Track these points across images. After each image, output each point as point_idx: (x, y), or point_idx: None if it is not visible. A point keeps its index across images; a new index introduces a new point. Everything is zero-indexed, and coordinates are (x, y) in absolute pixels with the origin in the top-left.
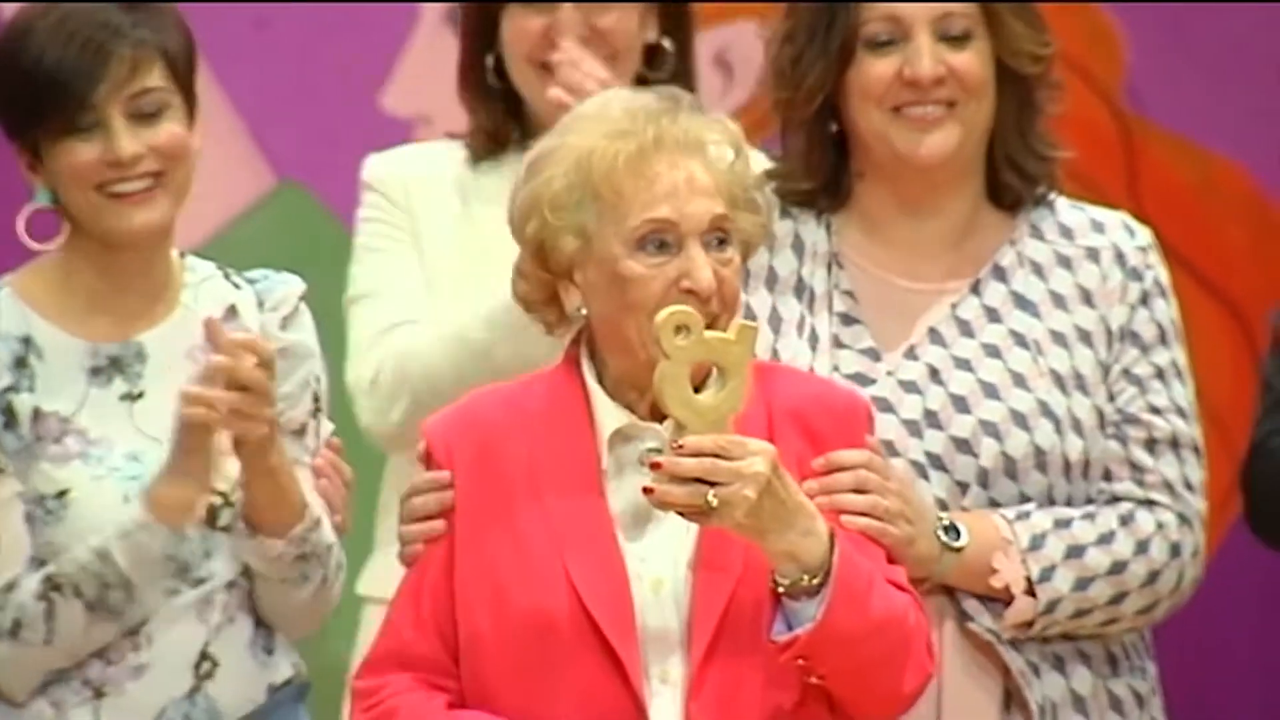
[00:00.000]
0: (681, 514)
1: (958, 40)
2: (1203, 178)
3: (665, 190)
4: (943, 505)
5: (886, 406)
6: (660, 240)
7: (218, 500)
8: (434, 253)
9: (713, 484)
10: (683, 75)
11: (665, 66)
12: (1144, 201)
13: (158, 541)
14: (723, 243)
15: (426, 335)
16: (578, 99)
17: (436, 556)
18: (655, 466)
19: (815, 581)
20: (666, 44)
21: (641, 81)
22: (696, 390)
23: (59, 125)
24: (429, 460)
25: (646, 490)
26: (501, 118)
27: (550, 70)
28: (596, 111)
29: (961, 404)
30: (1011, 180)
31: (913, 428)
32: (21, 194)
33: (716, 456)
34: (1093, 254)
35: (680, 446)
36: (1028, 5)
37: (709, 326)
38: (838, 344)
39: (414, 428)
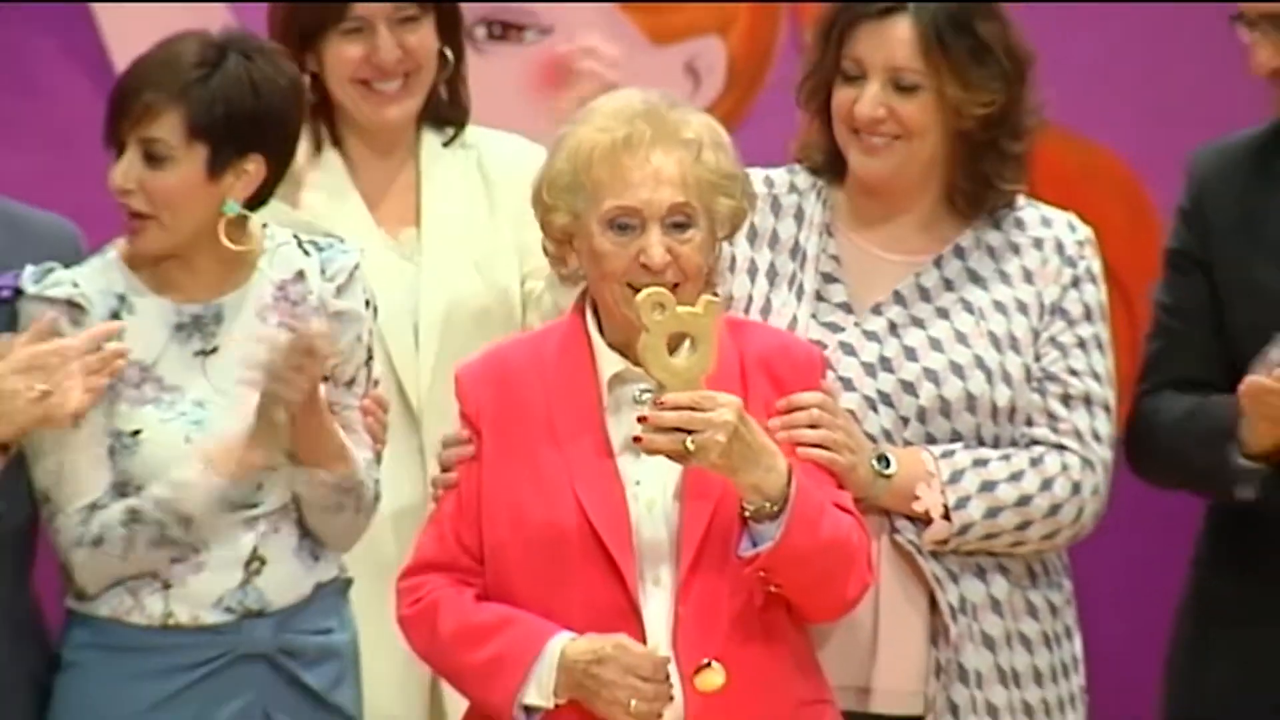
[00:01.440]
0: (666, 457)
1: (907, 90)
2: (1085, 164)
3: (632, 181)
4: (887, 436)
5: (850, 351)
6: (624, 223)
7: None
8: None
9: (690, 432)
10: (459, 77)
11: (447, 70)
12: (1037, 186)
13: (218, 491)
14: (683, 225)
15: None
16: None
17: (467, 480)
18: (642, 420)
19: (775, 509)
20: (448, 52)
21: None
22: (673, 354)
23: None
24: (459, 400)
25: (636, 439)
26: (317, 124)
27: (367, 84)
28: (598, 106)
29: (911, 354)
30: (963, 203)
31: (869, 369)
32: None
33: (692, 409)
34: (1038, 243)
35: (662, 403)
36: (975, 69)
37: (675, 292)
38: (819, 297)
39: None
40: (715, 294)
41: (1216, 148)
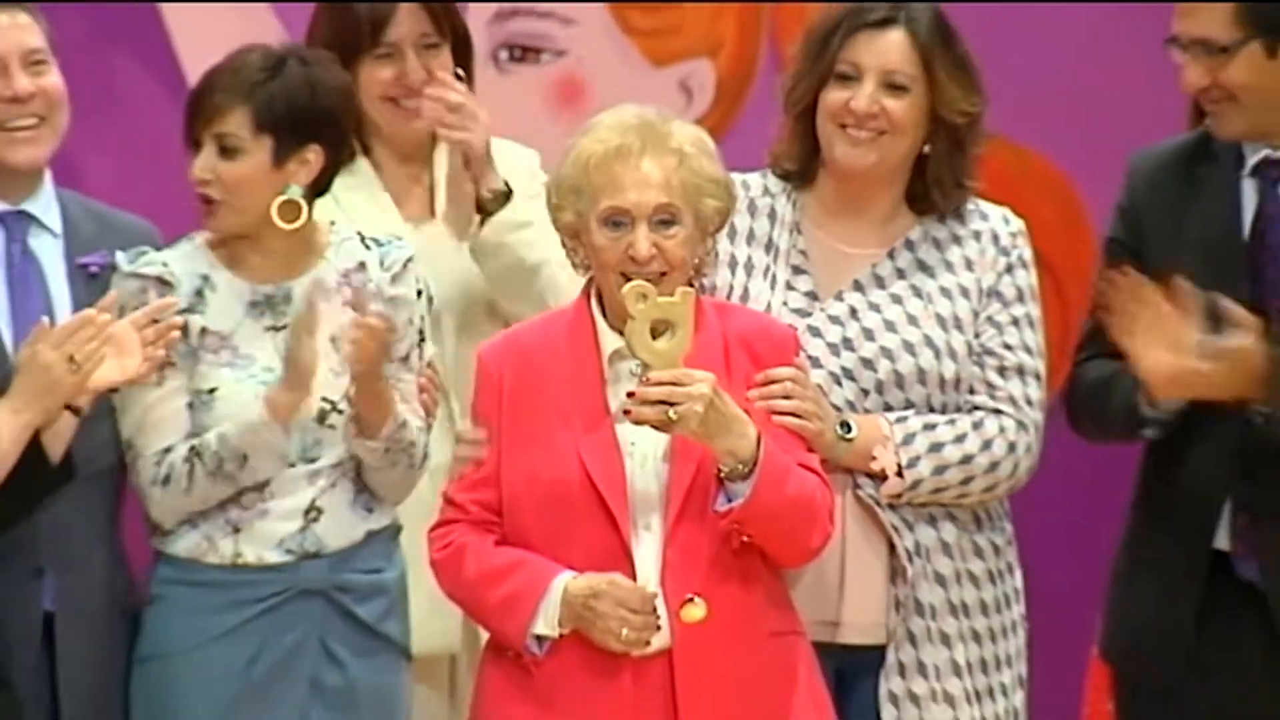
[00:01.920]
0: (652, 427)
1: (898, 89)
2: (1020, 168)
3: (624, 184)
4: (850, 405)
5: (817, 333)
6: (617, 220)
7: (327, 406)
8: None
9: (672, 404)
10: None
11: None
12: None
13: (266, 433)
14: (668, 223)
15: None
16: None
17: (489, 447)
18: (631, 395)
19: (746, 470)
20: (460, 73)
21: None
22: (656, 338)
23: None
24: (480, 376)
25: (626, 412)
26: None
27: (395, 102)
28: (600, 120)
29: (869, 334)
30: (935, 197)
31: (833, 348)
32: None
33: (673, 385)
34: (977, 235)
35: (647, 380)
36: (964, 71)
37: (660, 282)
38: (789, 287)
39: None
40: (692, 285)
41: (1150, 153)
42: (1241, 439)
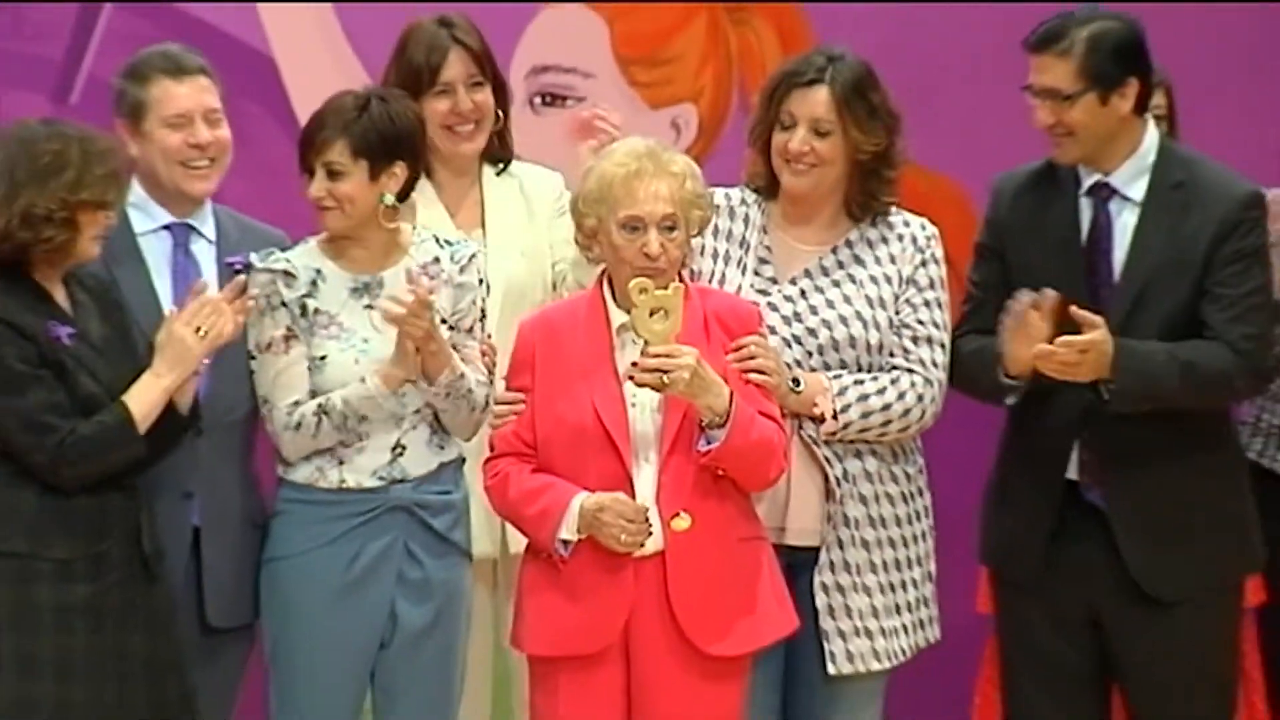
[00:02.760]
0: (651, 389)
1: (823, 134)
2: (931, 187)
3: (639, 198)
4: (798, 364)
5: (775, 308)
6: (633, 225)
7: None
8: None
9: (666, 372)
10: (506, 129)
11: (498, 124)
12: (902, 200)
13: (379, 398)
14: (671, 228)
15: None
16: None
17: (527, 400)
18: (634, 365)
19: (721, 421)
20: (499, 112)
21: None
22: (654, 320)
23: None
24: (519, 343)
25: (630, 377)
26: (406, 160)
27: (451, 129)
28: (616, 149)
29: (814, 310)
30: (859, 211)
31: (787, 321)
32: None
33: (667, 357)
34: (900, 237)
35: (647, 353)
36: (872, 118)
37: (661, 277)
38: (755, 273)
39: None
40: (682, 275)
41: (1010, 175)
42: (1089, 399)
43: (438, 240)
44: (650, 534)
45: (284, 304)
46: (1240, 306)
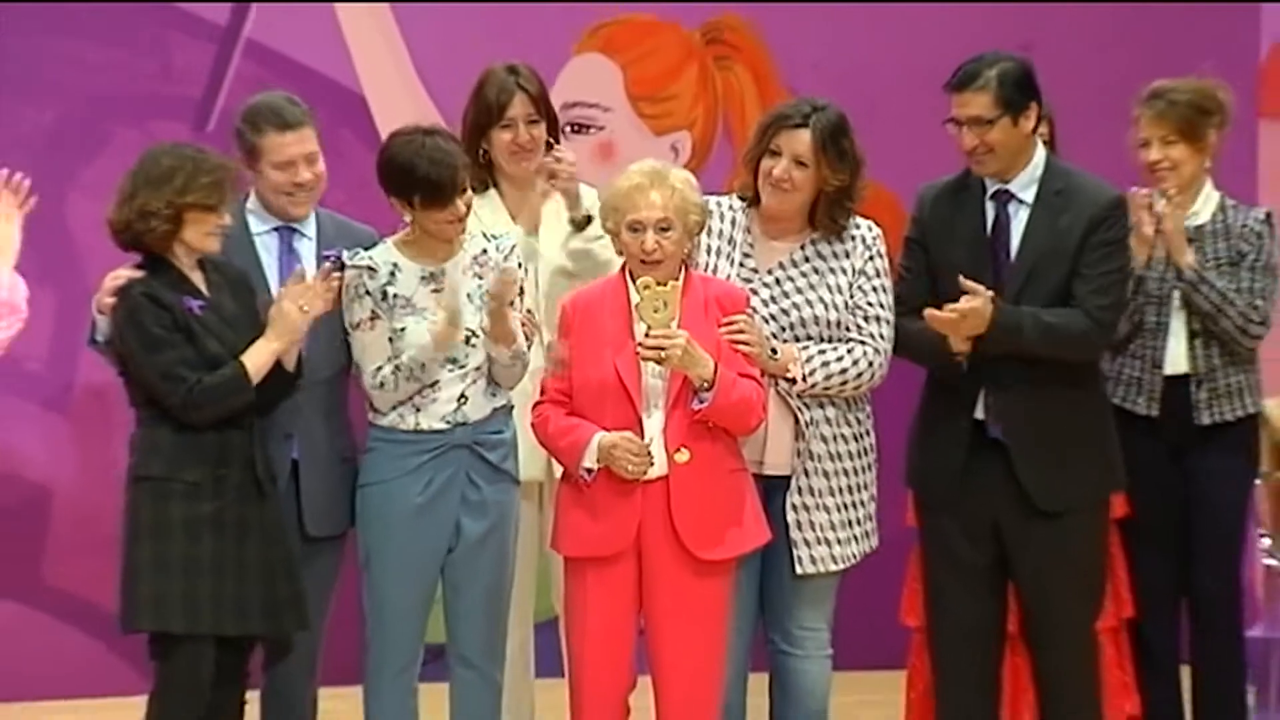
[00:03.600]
0: (654, 362)
1: (802, 165)
2: (872, 195)
3: (640, 206)
4: (775, 337)
5: (755, 293)
6: (636, 227)
7: (469, 334)
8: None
9: (663, 349)
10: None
11: (550, 150)
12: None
13: (435, 353)
14: (666, 229)
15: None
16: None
17: (568, 356)
18: (639, 344)
19: (708, 386)
20: (550, 140)
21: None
22: (655, 310)
23: (437, 201)
24: (562, 317)
25: (636, 352)
26: (483, 177)
27: (517, 153)
28: (630, 168)
29: (786, 295)
30: (824, 222)
31: (765, 303)
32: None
33: (664, 338)
34: (853, 238)
35: (649, 335)
36: (840, 160)
37: (659, 268)
38: (740, 265)
39: None
40: (686, 266)
41: (932, 184)
42: (986, 352)
43: (485, 235)
44: (652, 464)
45: (368, 293)
46: (1098, 283)
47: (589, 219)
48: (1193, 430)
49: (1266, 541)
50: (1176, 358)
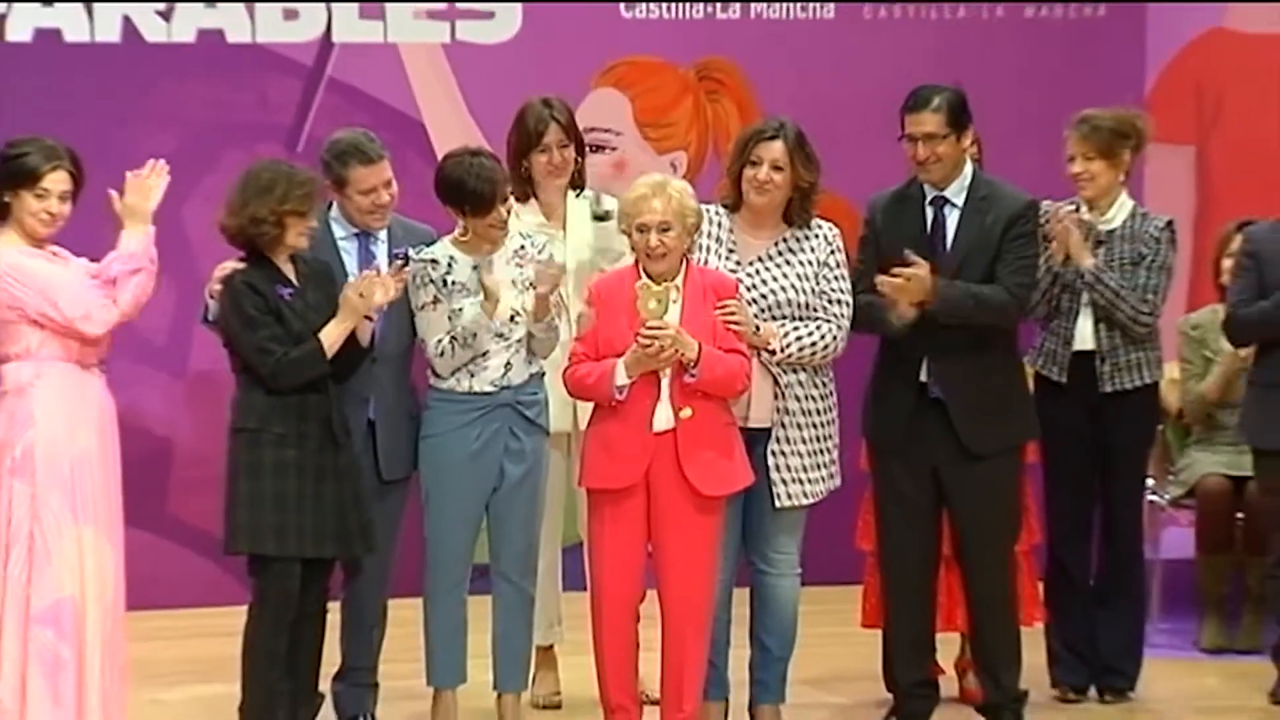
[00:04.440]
0: (648, 350)
1: (778, 169)
2: (832, 203)
3: (644, 212)
4: (757, 317)
5: (740, 281)
6: (642, 228)
7: (513, 312)
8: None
9: (656, 339)
10: (582, 168)
11: (577, 166)
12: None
13: (485, 323)
14: (666, 229)
15: None
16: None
17: (592, 328)
18: (637, 334)
19: (695, 364)
20: (578, 159)
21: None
22: (652, 306)
23: (481, 209)
24: (590, 294)
25: (637, 338)
26: (523, 189)
27: (551, 171)
28: (638, 180)
29: (764, 283)
30: (795, 218)
31: (748, 289)
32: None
33: (658, 329)
34: (818, 235)
35: (646, 327)
36: (807, 163)
37: (661, 261)
38: (726, 258)
39: None
40: (687, 259)
41: (881, 193)
42: (929, 322)
43: (521, 234)
44: (664, 344)
45: (431, 281)
46: (1015, 265)
47: (608, 214)
48: (1099, 397)
49: (1150, 483)
50: (1084, 337)
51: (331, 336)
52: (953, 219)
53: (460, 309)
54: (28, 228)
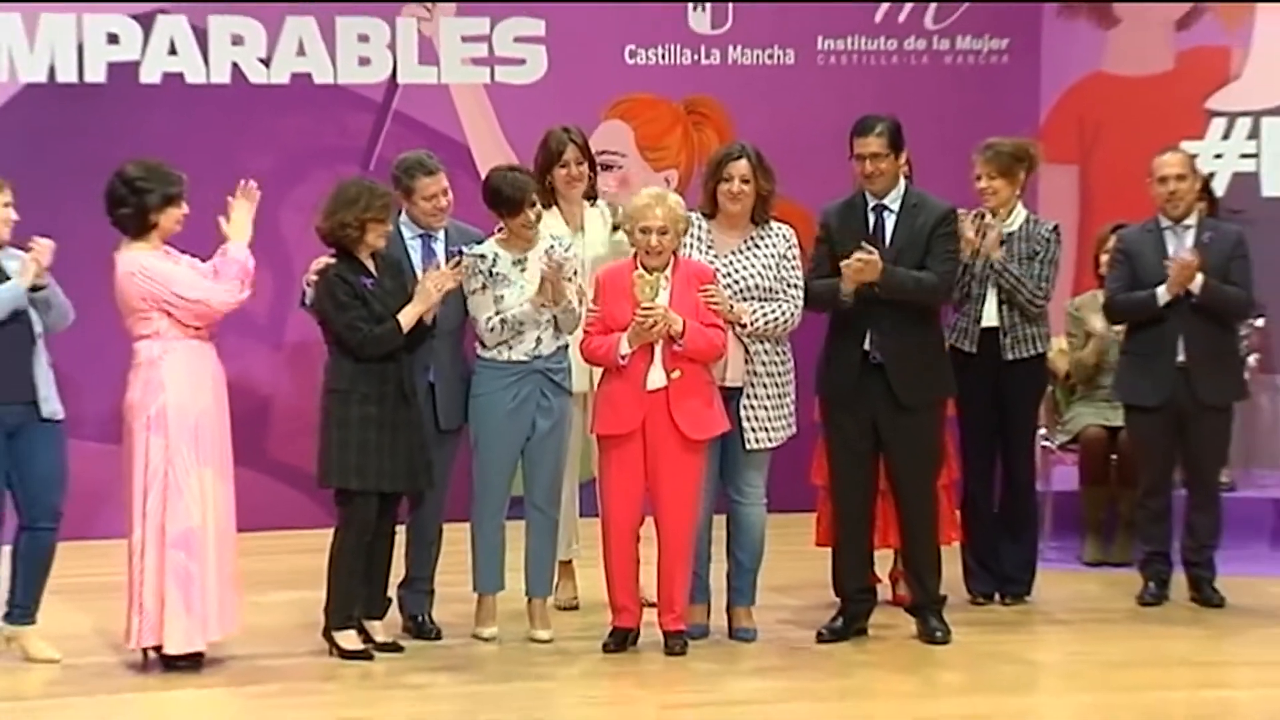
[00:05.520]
0: (642, 327)
1: (745, 182)
2: (791, 208)
3: (647, 218)
4: (731, 298)
5: (717, 270)
6: (644, 230)
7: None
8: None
9: (648, 318)
10: (595, 182)
11: (591, 180)
12: (776, 219)
13: (531, 312)
14: (664, 232)
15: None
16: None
17: (600, 312)
18: (634, 314)
19: (681, 336)
20: (591, 173)
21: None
22: (645, 293)
23: (513, 211)
24: (597, 283)
25: (634, 318)
26: (548, 198)
27: (569, 183)
28: (640, 192)
29: (736, 271)
30: (757, 220)
31: (723, 276)
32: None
33: (650, 310)
34: (776, 234)
35: (641, 309)
36: (766, 175)
37: (658, 257)
38: (705, 252)
39: None
40: (676, 255)
41: (832, 202)
42: (871, 303)
43: (550, 236)
44: (656, 322)
45: (480, 272)
46: (941, 257)
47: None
48: (1002, 363)
49: (1042, 431)
50: (989, 316)
51: (408, 317)
52: (890, 222)
53: (502, 295)
54: (164, 234)
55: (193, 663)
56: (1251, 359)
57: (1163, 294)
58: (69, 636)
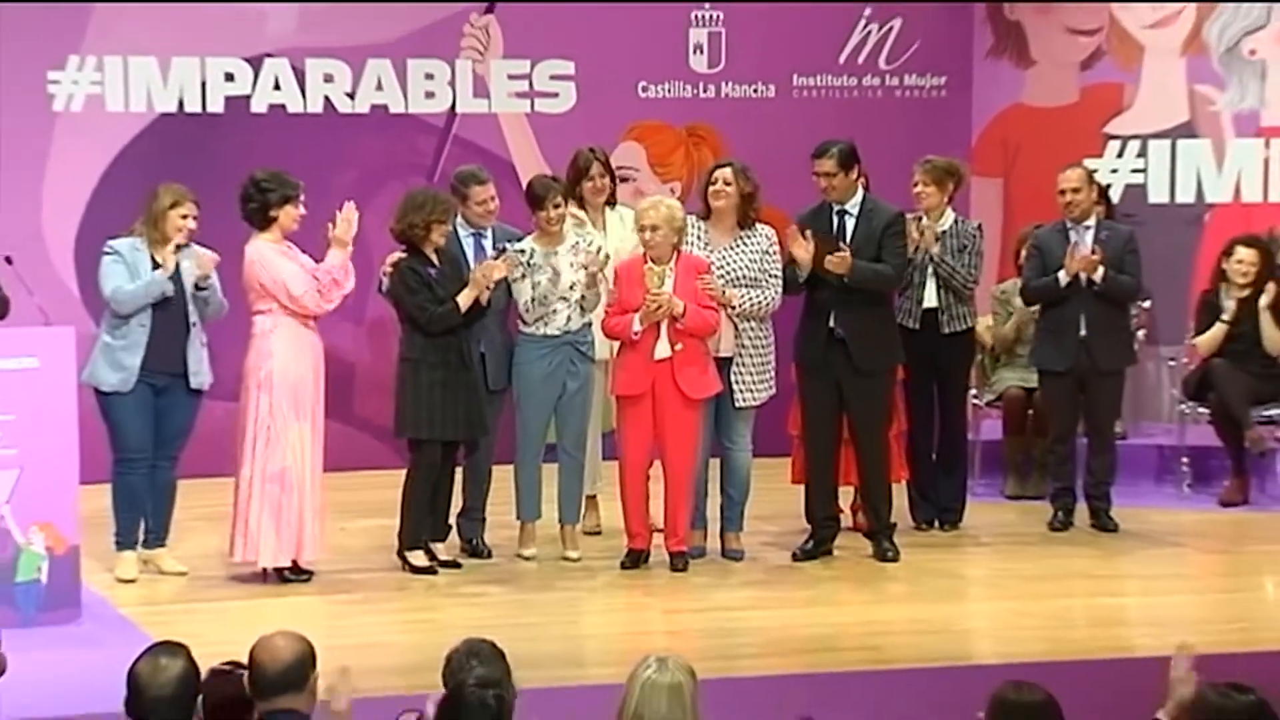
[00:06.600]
0: (651, 309)
1: (728, 182)
2: (772, 213)
3: (643, 217)
4: (723, 285)
5: (712, 263)
6: (644, 228)
7: (572, 281)
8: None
9: (656, 302)
10: (614, 191)
11: (612, 190)
12: (760, 221)
13: (559, 293)
14: (655, 230)
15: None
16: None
17: (619, 295)
18: (644, 299)
19: (684, 316)
20: (613, 186)
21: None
22: (651, 280)
23: (538, 205)
24: (616, 272)
25: (644, 302)
26: (576, 204)
27: (595, 192)
28: (645, 199)
29: (727, 262)
30: (743, 221)
31: (717, 267)
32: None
33: (658, 296)
34: (760, 234)
35: (650, 296)
36: (747, 180)
37: (659, 248)
38: (703, 249)
39: None
40: (678, 250)
41: (806, 208)
42: (836, 289)
43: (576, 233)
44: (662, 305)
45: (520, 263)
46: (893, 252)
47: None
48: (940, 336)
49: (972, 391)
50: (929, 298)
51: (464, 299)
52: (850, 223)
53: (538, 282)
54: (284, 229)
55: (299, 575)
56: (1140, 333)
57: (1063, 277)
58: (195, 556)
